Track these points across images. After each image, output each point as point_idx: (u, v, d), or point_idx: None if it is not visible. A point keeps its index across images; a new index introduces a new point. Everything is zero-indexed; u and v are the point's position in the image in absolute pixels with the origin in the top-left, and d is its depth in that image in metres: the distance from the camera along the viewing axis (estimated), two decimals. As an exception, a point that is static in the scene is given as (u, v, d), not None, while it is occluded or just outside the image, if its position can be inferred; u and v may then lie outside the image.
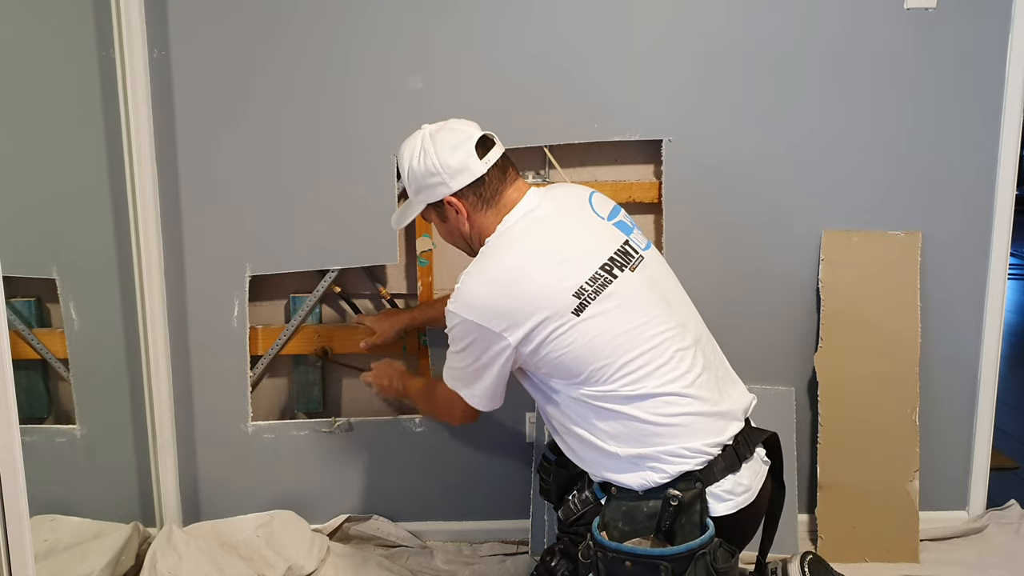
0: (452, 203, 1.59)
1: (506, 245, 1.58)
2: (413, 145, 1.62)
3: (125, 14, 2.03)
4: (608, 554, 1.44)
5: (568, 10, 2.14)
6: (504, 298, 1.51)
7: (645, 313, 1.52)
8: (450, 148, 1.58)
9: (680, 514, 1.44)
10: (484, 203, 1.60)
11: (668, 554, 1.42)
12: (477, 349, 1.54)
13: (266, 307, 2.32)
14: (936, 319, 2.29)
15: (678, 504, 1.44)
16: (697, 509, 1.45)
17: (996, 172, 2.24)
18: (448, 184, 1.58)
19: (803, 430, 2.33)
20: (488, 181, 1.59)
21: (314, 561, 2.16)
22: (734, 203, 2.24)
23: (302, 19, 2.12)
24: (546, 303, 1.49)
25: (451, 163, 1.57)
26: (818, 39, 2.17)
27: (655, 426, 1.48)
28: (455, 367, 1.61)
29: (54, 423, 2.33)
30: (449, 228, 1.66)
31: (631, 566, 1.43)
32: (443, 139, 1.59)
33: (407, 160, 1.61)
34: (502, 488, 2.36)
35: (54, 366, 2.28)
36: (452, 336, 1.57)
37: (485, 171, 1.58)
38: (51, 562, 2.11)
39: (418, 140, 1.62)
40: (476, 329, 1.52)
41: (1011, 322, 4.75)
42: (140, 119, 2.09)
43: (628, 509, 1.48)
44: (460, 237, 1.66)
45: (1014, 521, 2.37)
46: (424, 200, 1.63)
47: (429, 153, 1.58)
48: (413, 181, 1.61)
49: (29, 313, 2.27)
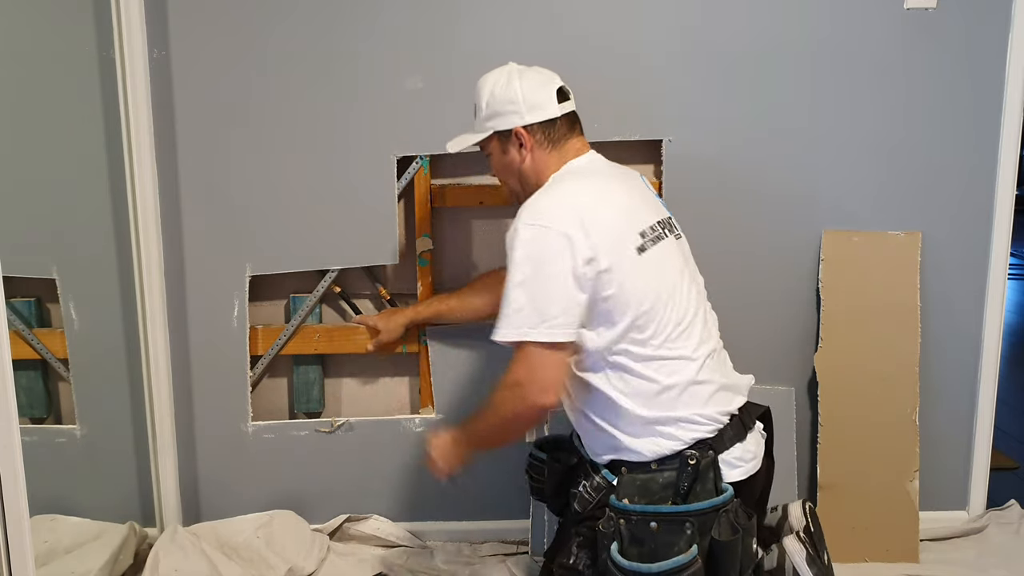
0: (520, 135, 1.63)
1: (578, 177, 1.62)
2: (498, 74, 1.66)
3: (125, 14, 2.03)
4: (633, 518, 1.47)
5: (568, 10, 2.14)
6: (580, 210, 1.51)
7: (681, 279, 1.59)
8: (534, 85, 1.64)
9: (697, 478, 1.48)
10: (550, 143, 1.64)
11: (694, 509, 1.45)
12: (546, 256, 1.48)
13: (266, 307, 2.32)
14: (936, 319, 2.29)
15: (695, 464, 1.48)
16: (711, 476, 1.49)
17: (996, 172, 2.24)
18: (523, 115, 1.62)
19: (803, 430, 2.33)
20: (558, 125, 1.64)
21: (314, 561, 2.16)
22: (734, 203, 2.24)
23: (302, 19, 2.12)
24: (616, 229, 1.53)
25: (532, 97, 1.62)
26: (818, 39, 2.17)
27: (675, 389, 1.52)
28: (519, 300, 1.48)
29: (54, 423, 2.33)
30: (506, 162, 1.67)
31: (657, 527, 1.45)
32: (530, 76, 1.65)
33: (490, 85, 1.65)
34: (502, 488, 2.36)
35: (54, 366, 2.28)
36: (517, 256, 1.49)
37: (559, 114, 1.64)
38: (51, 562, 2.11)
39: (505, 70, 1.67)
40: (546, 236, 1.48)
41: (1011, 322, 4.75)
42: (140, 119, 2.09)
43: (643, 482, 1.51)
44: (514, 172, 1.67)
45: (1014, 521, 2.37)
46: (494, 127, 1.65)
47: (514, 83, 1.63)
48: (490, 105, 1.65)
49: (29, 313, 2.27)
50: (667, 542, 1.45)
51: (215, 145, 2.17)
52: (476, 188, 2.24)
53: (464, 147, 1.72)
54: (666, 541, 1.45)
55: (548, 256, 1.48)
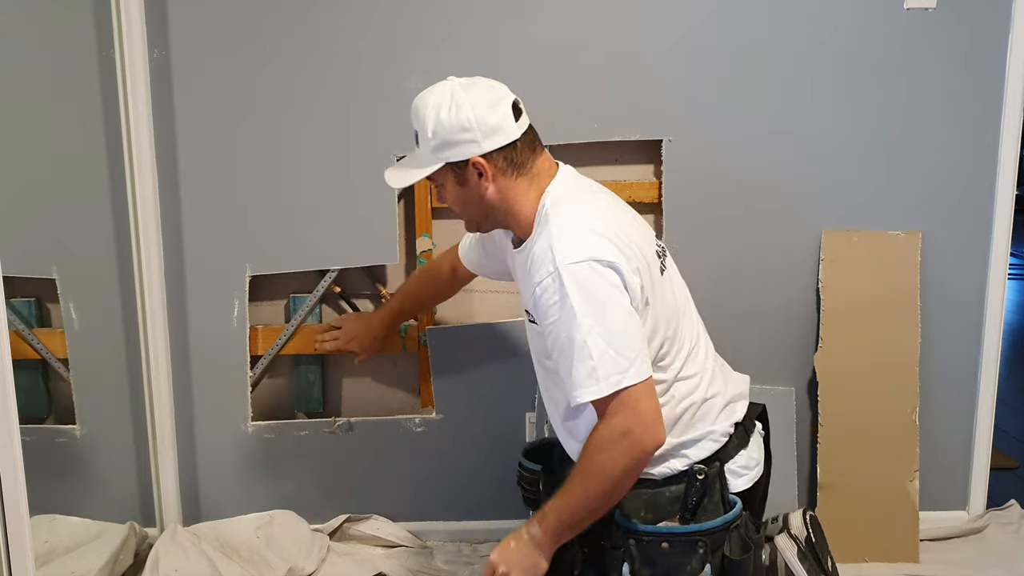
0: (479, 164, 1.42)
1: (576, 202, 1.45)
2: (441, 95, 1.43)
3: (125, 14, 2.03)
4: (643, 539, 1.42)
5: (567, 10, 2.14)
6: (610, 237, 1.38)
7: (684, 292, 1.55)
8: (487, 105, 1.42)
9: (705, 491, 1.44)
10: (515, 169, 1.44)
11: (706, 529, 1.41)
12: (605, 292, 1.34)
13: (266, 307, 2.32)
14: (936, 319, 2.29)
15: (704, 478, 1.43)
16: (718, 487, 1.46)
17: (996, 172, 2.24)
18: (480, 143, 1.41)
19: (803, 430, 2.33)
20: (520, 148, 1.44)
21: (314, 562, 2.16)
22: (734, 203, 2.24)
23: (302, 19, 2.12)
24: (643, 252, 1.43)
25: (488, 121, 1.41)
26: (818, 39, 2.17)
27: (691, 411, 1.47)
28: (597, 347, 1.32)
29: (54, 423, 2.33)
30: (463, 194, 1.47)
31: (668, 547, 1.41)
32: (479, 94, 1.43)
33: (433, 111, 1.42)
34: (502, 488, 2.35)
35: (54, 366, 2.28)
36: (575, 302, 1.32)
37: (519, 135, 1.44)
38: (51, 562, 2.11)
39: (447, 90, 1.44)
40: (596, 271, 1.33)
41: (1011, 322, 4.75)
42: (140, 119, 2.09)
43: (649, 497, 1.46)
44: (474, 204, 1.48)
45: (1014, 521, 2.37)
46: (446, 158, 1.43)
47: (463, 106, 1.41)
48: (437, 135, 1.42)
49: (29, 313, 2.27)
50: (679, 563, 1.41)
51: (215, 145, 2.16)
52: (476, 188, 2.24)
53: (409, 183, 1.50)
54: (678, 562, 1.41)
55: (607, 292, 1.34)
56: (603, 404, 1.35)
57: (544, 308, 1.37)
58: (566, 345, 1.34)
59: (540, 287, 1.37)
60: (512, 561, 1.42)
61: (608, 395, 1.33)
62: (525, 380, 2.28)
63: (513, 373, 2.29)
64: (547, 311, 1.36)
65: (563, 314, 1.34)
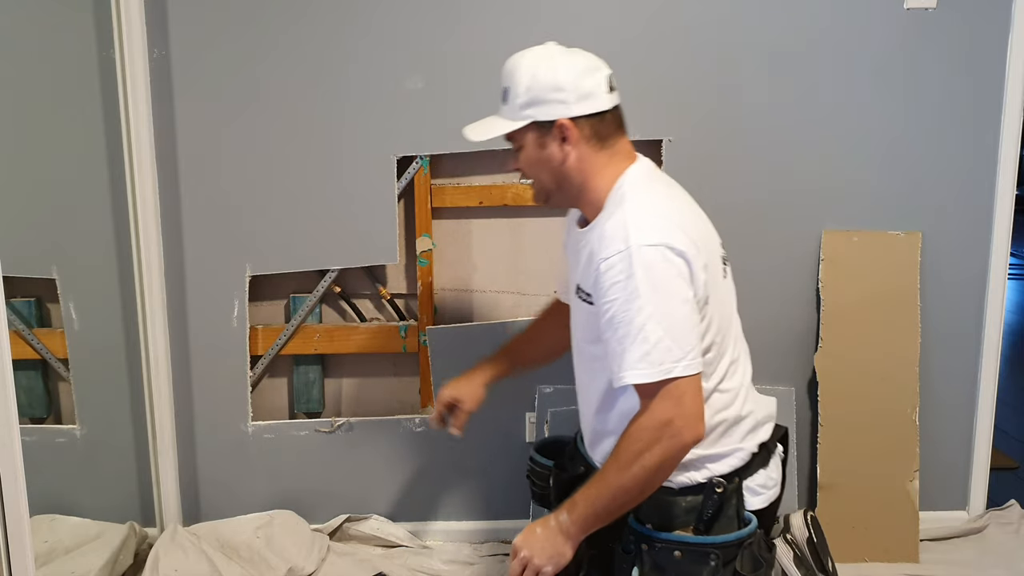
0: (565, 127, 1.39)
1: (657, 186, 1.45)
2: (540, 55, 1.42)
3: (125, 14, 2.03)
4: (656, 545, 1.40)
5: (568, 10, 2.14)
6: (686, 227, 1.37)
7: (735, 307, 1.53)
8: (584, 69, 1.41)
9: (722, 505, 1.43)
10: (599, 140, 1.42)
11: (720, 542, 1.40)
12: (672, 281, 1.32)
13: (266, 307, 2.32)
14: (936, 319, 2.29)
15: (722, 491, 1.42)
16: (734, 503, 1.45)
17: (996, 172, 2.24)
18: (570, 106, 1.39)
19: (803, 430, 2.33)
20: (608, 119, 1.42)
21: (314, 561, 2.16)
22: (734, 203, 2.24)
23: (302, 19, 2.12)
24: (713, 251, 1.43)
25: (583, 85, 1.39)
26: (818, 39, 2.17)
27: (723, 425, 1.45)
28: (654, 333, 1.30)
29: (54, 423, 2.33)
30: (543, 157, 1.44)
31: (681, 556, 1.40)
32: (577, 59, 1.42)
33: (530, 68, 1.40)
34: (502, 488, 2.36)
35: (54, 366, 2.28)
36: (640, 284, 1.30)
37: (610, 106, 1.42)
38: (51, 562, 2.11)
39: (546, 51, 1.43)
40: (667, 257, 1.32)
41: (1011, 322, 4.75)
42: (140, 119, 2.09)
43: (664, 504, 1.44)
44: (551, 170, 1.44)
45: (1014, 521, 2.37)
46: (533, 115, 1.41)
47: (560, 67, 1.39)
48: (531, 91, 1.40)
49: (29, 313, 2.27)
50: (689, 572, 1.40)
51: (215, 145, 2.16)
52: (476, 188, 2.24)
53: (491, 136, 1.46)
54: (688, 571, 1.40)
55: (674, 281, 1.32)
56: (649, 391, 1.32)
57: (607, 285, 1.34)
58: (622, 325, 1.32)
59: (607, 262, 1.34)
60: (536, 547, 1.38)
61: (656, 382, 1.31)
62: (525, 380, 2.29)
63: (513, 373, 2.30)
64: (609, 288, 1.34)
65: (626, 294, 1.32)
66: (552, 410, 2.28)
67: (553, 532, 1.38)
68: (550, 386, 2.29)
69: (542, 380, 2.30)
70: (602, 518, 1.37)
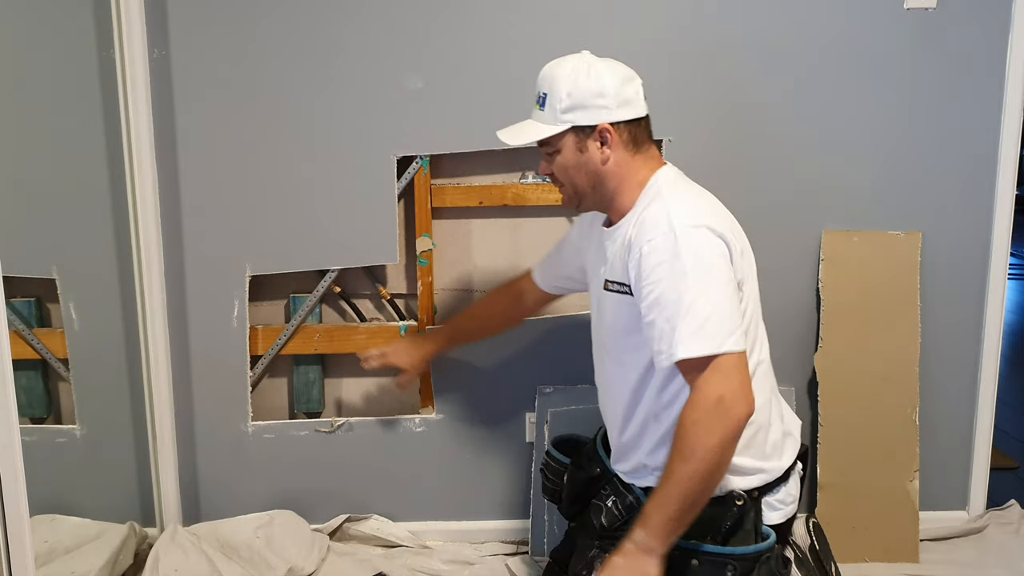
0: (606, 131, 1.47)
1: (688, 184, 1.53)
2: (579, 62, 1.48)
3: (125, 14, 2.03)
4: (674, 552, 1.39)
5: (568, 10, 2.14)
6: (722, 216, 1.45)
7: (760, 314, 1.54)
8: (623, 78, 1.48)
9: (741, 518, 1.43)
10: (635, 145, 1.50)
11: (739, 553, 1.40)
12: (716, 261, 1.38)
13: (266, 307, 2.32)
14: (936, 319, 2.29)
15: (742, 505, 1.42)
16: (752, 517, 1.45)
17: (996, 172, 2.24)
18: (612, 111, 1.46)
19: (803, 430, 2.32)
20: (643, 126, 1.52)
21: (314, 561, 2.16)
22: (734, 203, 2.20)
23: (302, 19, 2.12)
24: (743, 244, 1.48)
25: (624, 92, 1.47)
26: (818, 39, 2.17)
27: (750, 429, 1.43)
28: (703, 309, 1.33)
29: (54, 423, 2.33)
30: (581, 160, 1.49)
31: (698, 564, 1.40)
32: (616, 67, 1.50)
33: (571, 74, 1.46)
34: (502, 488, 2.36)
35: (54, 366, 2.28)
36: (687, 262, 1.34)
37: (645, 114, 1.52)
38: (51, 562, 2.11)
39: (584, 59, 1.49)
40: (712, 239, 1.38)
41: (1011, 322, 4.75)
42: (140, 119, 2.09)
43: None
44: (588, 172, 1.50)
45: (1014, 521, 2.37)
46: (574, 120, 1.47)
47: (603, 74, 1.46)
48: (572, 96, 1.46)
49: (29, 313, 2.27)
50: None
51: (215, 145, 2.16)
52: (476, 188, 2.24)
53: (530, 140, 1.50)
54: None
55: (719, 261, 1.38)
56: (698, 366, 1.33)
57: (650, 266, 1.37)
58: (671, 304, 1.34)
59: (650, 244, 1.38)
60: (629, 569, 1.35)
61: (707, 355, 1.32)
62: (525, 380, 2.29)
63: (513, 373, 2.30)
64: (653, 269, 1.37)
65: (672, 273, 1.35)
66: (552, 410, 2.28)
67: (632, 555, 1.36)
68: (550, 386, 2.29)
69: (542, 380, 2.30)
70: (679, 521, 1.35)
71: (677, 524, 1.35)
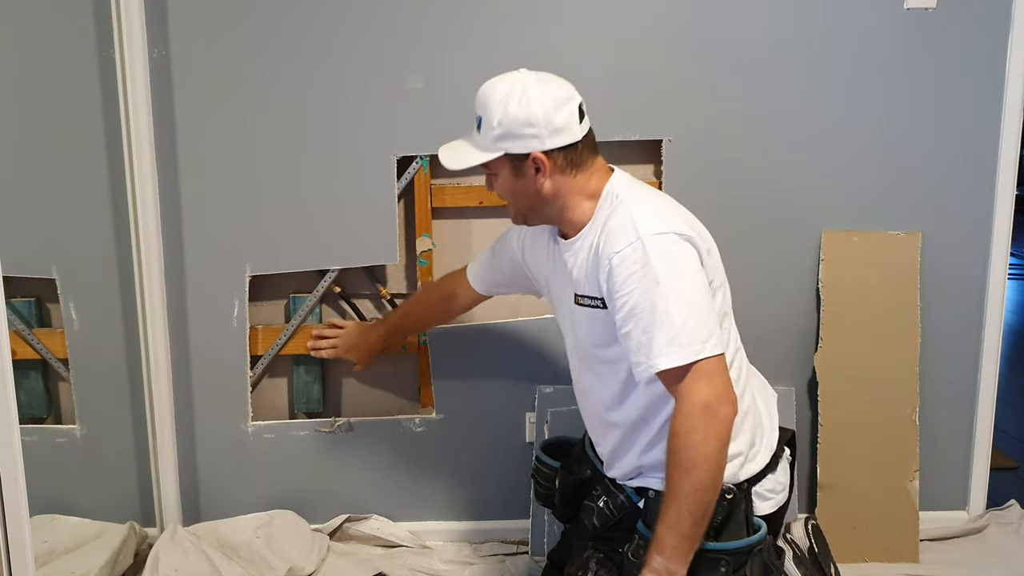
0: (539, 160, 1.43)
1: (647, 190, 1.51)
2: (511, 86, 1.44)
3: (125, 14, 2.03)
4: None
5: (567, 10, 2.14)
6: (684, 217, 1.45)
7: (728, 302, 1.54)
8: (555, 103, 1.43)
9: (731, 512, 1.43)
10: (573, 167, 1.46)
11: (732, 548, 1.40)
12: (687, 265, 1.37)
13: (266, 307, 2.32)
14: (936, 319, 2.29)
15: (732, 498, 1.42)
16: (743, 509, 1.45)
17: (996, 172, 2.24)
18: (543, 140, 1.43)
19: (803, 430, 2.33)
20: (580, 148, 1.46)
21: (314, 561, 2.16)
22: (734, 203, 2.24)
23: (302, 19, 2.12)
24: (709, 243, 1.47)
25: (555, 119, 1.42)
26: (818, 39, 2.17)
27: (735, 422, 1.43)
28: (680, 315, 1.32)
29: (54, 423, 2.33)
30: (518, 185, 1.48)
31: (692, 562, 1.39)
32: (549, 91, 1.44)
33: (502, 101, 1.43)
34: (502, 488, 2.36)
35: (54, 366, 2.28)
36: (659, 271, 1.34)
37: (581, 137, 1.46)
38: (51, 562, 2.11)
39: (519, 83, 1.44)
40: (679, 243, 1.38)
41: (1011, 322, 4.75)
42: (140, 119, 2.09)
43: None
44: (527, 197, 1.49)
45: (1014, 521, 2.37)
46: (506, 148, 1.45)
47: (533, 101, 1.42)
48: (503, 125, 1.43)
49: (29, 313, 2.27)
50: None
51: (215, 145, 2.16)
52: (476, 188, 2.24)
53: (466, 165, 1.49)
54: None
55: (689, 265, 1.37)
56: (679, 375, 1.33)
57: (621, 278, 1.36)
58: (646, 314, 1.34)
59: (619, 256, 1.37)
60: None
61: (687, 364, 1.32)
62: (525, 380, 2.29)
63: (513, 373, 2.30)
64: (625, 280, 1.36)
65: (644, 282, 1.34)
66: (552, 410, 2.28)
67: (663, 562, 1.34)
68: (550, 386, 2.29)
69: (542, 380, 2.30)
70: (694, 537, 1.34)
71: (692, 541, 1.34)
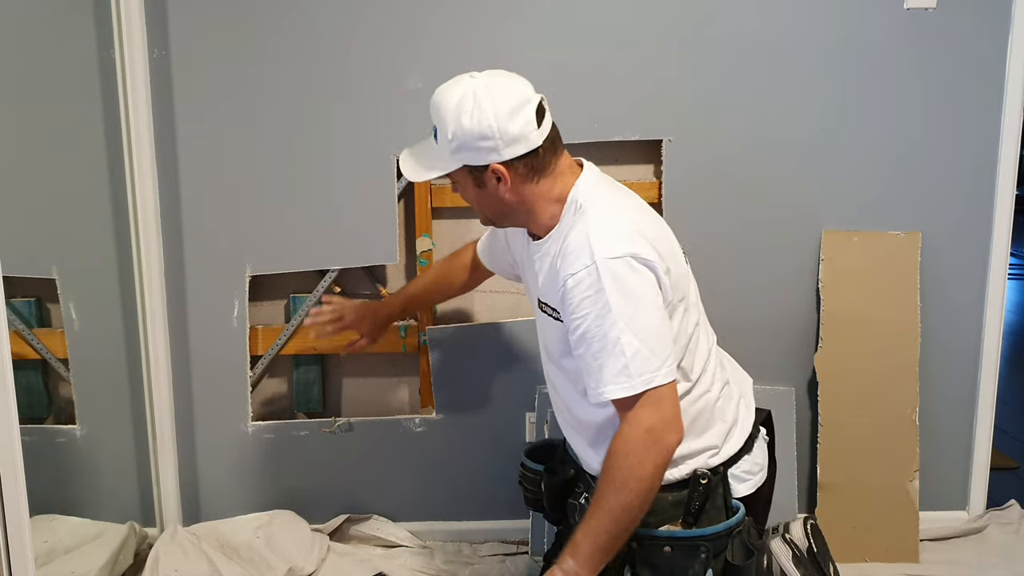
0: (498, 171, 1.38)
1: (614, 197, 1.45)
2: (462, 96, 1.37)
3: (125, 14, 2.03)
4: (645, 543, 1.40)
5: (567, 10, 2.14)
6: (645, 233, 1.37)
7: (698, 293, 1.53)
8: (509, 111, 1.36)
9: (708, 496, 1.43)
10: (535, 173, 1.40)
11: (708, 534, 1.40)
12: (641, 290, 1.32)
13: (266, 307, 2.32)
14: (936, 319, 2.29)
15: (707, 483, 1.42)
16: (720, 492, 1.45)
17: (996, 172, 2.24)
18: (500, 152, 1.36)
19: (803, 430, 2.33)
20: (541, 153, 1.39)
21: (314, 562, 2.16)
22: (734, 203, 2.24)
23: (302, 19, 2.12)
24: (671, 248, 1.43)
25: (510, 130, 1.35)
26: (818, 39, 2.17)
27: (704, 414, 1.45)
28: (631, 344, 1.30)
29: (54, 423, 2.33)
30: (480, 194, 1.44)
31: (671, 551, 1.40)
32: (501, 98, 1.36)
33: (454, 114, 1.36)
34: (502, 488, 2.36)
35: (54, 366, 2.28)
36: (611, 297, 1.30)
37: (541, 142, 1.39)
38: (51, 562, 2.11)
39: (470, 91, 1.37)
40: (634, 267, 1.32)
41: (1011, 322, 4.75)
42: (140, 119, 2.09)
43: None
44: (491, 205, 1.45)
45: (1014, 521, 2.37)
46: (463, 160, 1.39)
47: (486, 113, 1.35)
48: (457, 138, 1.37)
49: (29, 313, 2.27)
50: (682, 567, 1.40)
51: (215, 145, 2.16)
52: (476, 188, 2.24)
53: (427, 178, 1.45)
54: (681, 565, 1.40)
55: (644, 290, 1.32)
56: (629, 403, 1.33)
57: (575, 301, 1.34)
58: (596, 340, 1.32)
59: (574, 278, 1.34)
60: None
61: (637, 394, 1.31)
62: (525, 380, 2.29)
63: (513, 373, 2.30)
64: (579, 304, 1.34)
65: (597, 308, 1.32)
66: (552, 410, 2.27)
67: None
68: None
69: (542, 380, 2.29)
70: (608, 551, 1.34)
71: (605, 554, 1.34)
